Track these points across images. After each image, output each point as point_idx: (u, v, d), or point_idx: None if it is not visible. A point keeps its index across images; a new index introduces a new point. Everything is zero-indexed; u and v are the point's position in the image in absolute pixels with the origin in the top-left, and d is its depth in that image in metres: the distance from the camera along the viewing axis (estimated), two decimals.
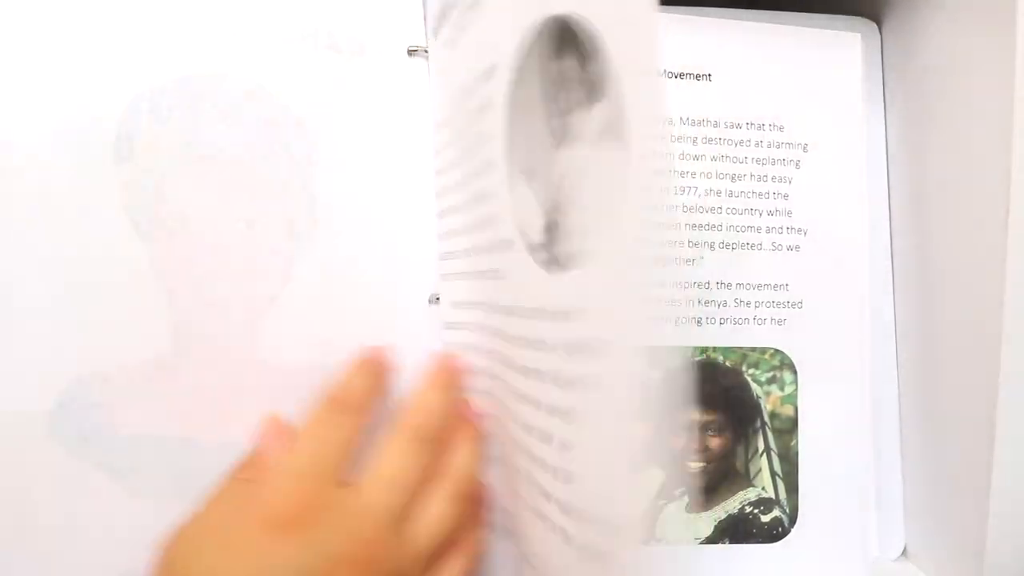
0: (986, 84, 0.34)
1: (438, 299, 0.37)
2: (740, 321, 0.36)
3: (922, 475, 0.39)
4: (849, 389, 0.38)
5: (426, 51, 0.36)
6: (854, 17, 0.40)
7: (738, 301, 0.36)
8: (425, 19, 0.36)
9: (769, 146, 0.36)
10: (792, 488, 0.38)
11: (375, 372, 0.32)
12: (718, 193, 0.36)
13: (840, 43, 0.37)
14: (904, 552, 0.41)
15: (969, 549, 0.35)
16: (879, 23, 0.41)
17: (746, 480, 0.38)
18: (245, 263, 0.32)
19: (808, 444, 0.37)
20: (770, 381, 0.37)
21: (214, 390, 0.31)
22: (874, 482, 0.40)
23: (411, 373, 0.36)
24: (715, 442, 0.37)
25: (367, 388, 0.31)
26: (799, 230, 0.37)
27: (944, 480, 0.37)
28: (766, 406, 0.37)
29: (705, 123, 0.36)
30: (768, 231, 0.37)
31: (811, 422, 0.38)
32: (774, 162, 0.37)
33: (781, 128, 0.36)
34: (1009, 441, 0.33)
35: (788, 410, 0.38)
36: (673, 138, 0.34)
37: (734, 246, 0.36)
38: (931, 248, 0.38)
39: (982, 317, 0.34)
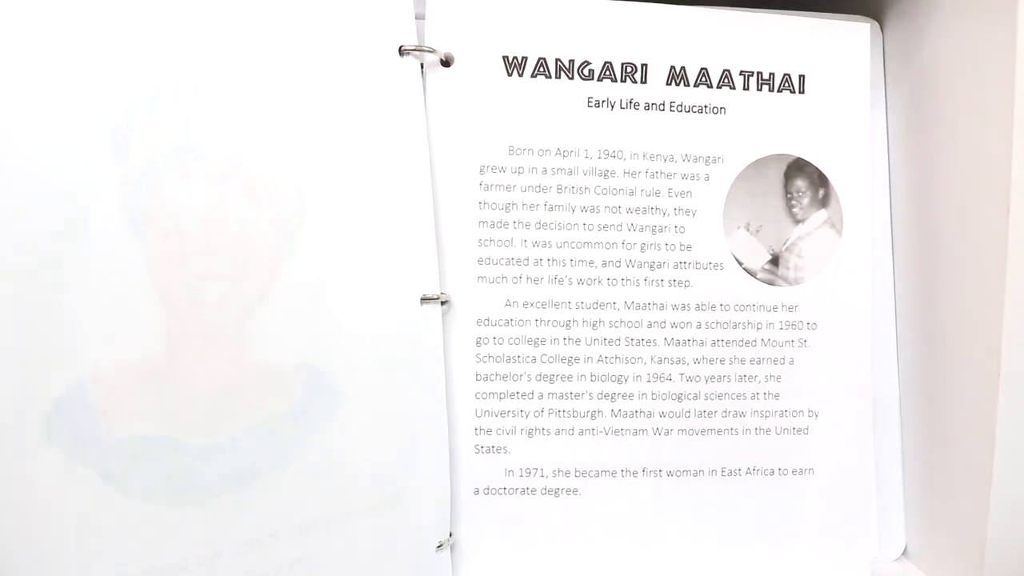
0: (987, 82, 0.34)
1: (444, 302, 0.37)
2: None
3: (922, 475, 0.39)
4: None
5: (416, 50, 0.36)
6: (857, 16, 0.40)
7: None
8: (416, 18, 0.36)
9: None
10: None
11: None
12: None
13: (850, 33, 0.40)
14: (904, 552, 0.41)
15: (969, 549, 0.35)
16: (881, 23, 0.41)
17: None
18: (236, 263, 0.32)
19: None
20: None
21: (206, 391, 0.31)
22: (875, 483, 0.40)
23: (403, 373, 0.36)
24: None
25: None
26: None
27: (944, 480, 0.37)
28: None
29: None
30: None
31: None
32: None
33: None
34: (1009, 441, 0.33)
35: None
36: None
37: None
38: (932, 246, 0.38)
39: (983, 316, 0.34)
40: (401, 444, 0.36)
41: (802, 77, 0.39)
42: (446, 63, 0.37)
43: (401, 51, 0.35)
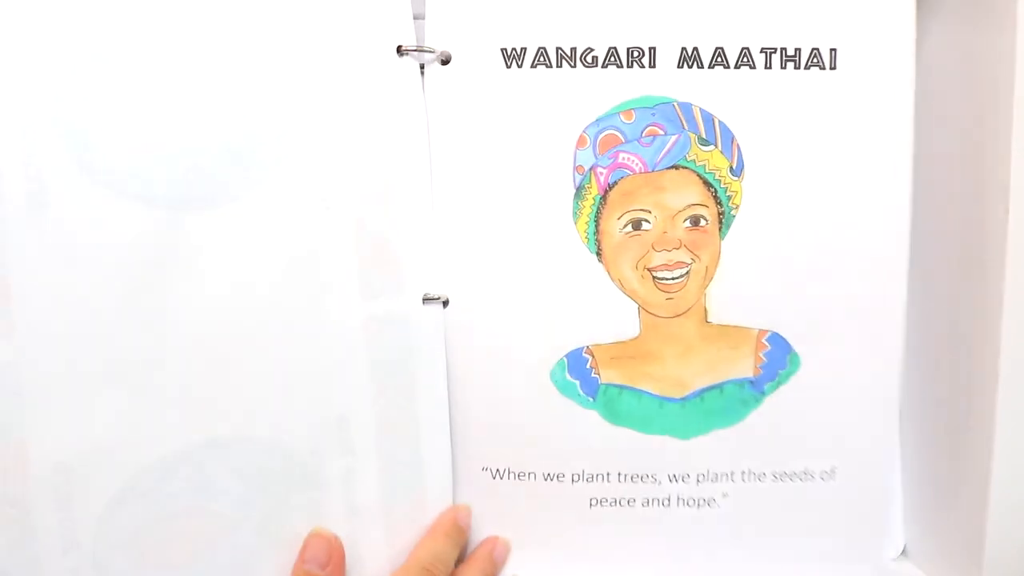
0: (987, 82, 0.33)
1: (445, 302, 0.37)
2: None
3: (922, 475, 0.39)
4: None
5: (415, 51, 0.35)
6: None
7: None
8: (417, 17, 0.36)
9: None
10: None
11: (456, 536, 0.36)
12: None
13: None
14: (904, 551, 0.41)
15: (969, 548, 0.35)
16: None
17: None
18: None
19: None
20: None
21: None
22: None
23: (403, 378, 0.36)
24: None
25: (452, 554, 0.36)
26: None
27: (944, 480, 0.37)
28: None
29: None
30: None
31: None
32: None
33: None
34: (1008, 441, 0.33)
35: None
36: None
37: None
38: (931, 247, 0.38)
39: (982, 317, 0.34)
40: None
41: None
42: (445, 62, 0.36)
43: (400, 51, 0.35)
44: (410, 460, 0.36)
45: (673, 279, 0.36)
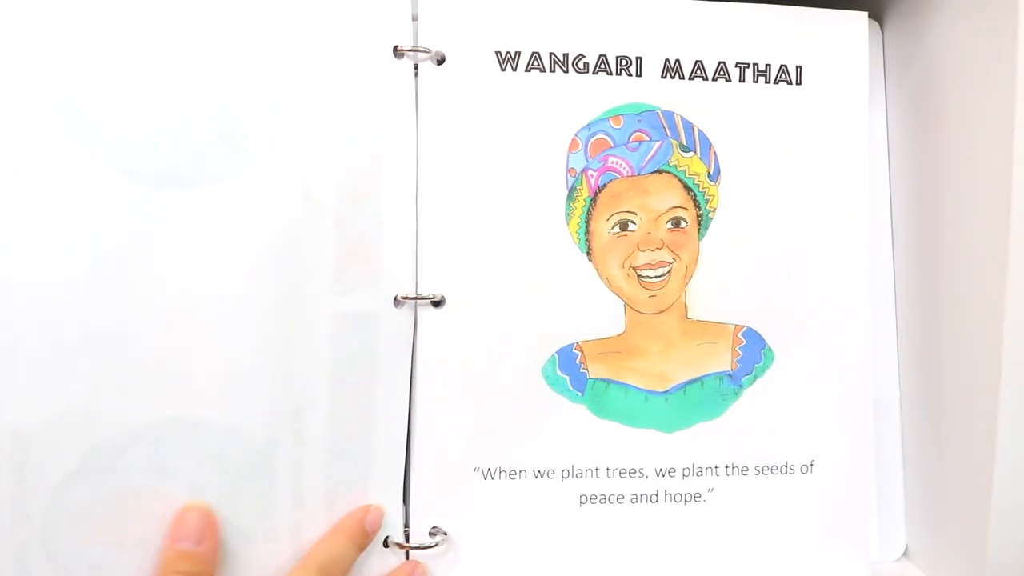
0: (988, 81, 0.33)
1: (437, 302, 0.37)
2: None
3: (923, 476, 0.39)
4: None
5: (411, 51, 0.36)
6: (857, 13, 0.39)
7: None
8: (413, 18, 0.36)
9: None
10: None
11: (359, 539, 0.35)
12: None
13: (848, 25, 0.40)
14: (905, 552, 0.41)
15: (970, 550, 0.35)
16: (881, 21, 0.41)
17: None
18: None
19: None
20: None
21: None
22: (875, 483, 0.40)
23: (364, 375, 0.36)
24: None
25: (351, 556, 0.35)
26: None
27: (945, 481, 0.37)
28: None
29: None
30: None
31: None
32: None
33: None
34: (1010, 442, 0.33)
35: None
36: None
37: None
38: (933, 247, 0.38)
39: (984, 317, 0.34)
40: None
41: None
42: (439, 62, 0.36)
43: (396, 52, 0.35)
44: (358, 457, 0.36)
45: (656, 277, 0.38)
